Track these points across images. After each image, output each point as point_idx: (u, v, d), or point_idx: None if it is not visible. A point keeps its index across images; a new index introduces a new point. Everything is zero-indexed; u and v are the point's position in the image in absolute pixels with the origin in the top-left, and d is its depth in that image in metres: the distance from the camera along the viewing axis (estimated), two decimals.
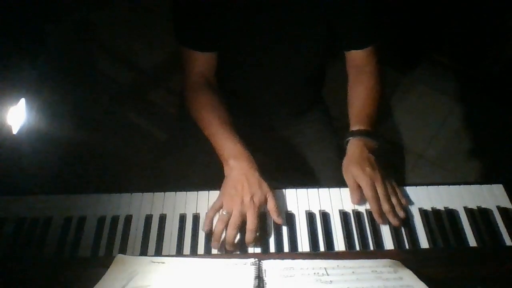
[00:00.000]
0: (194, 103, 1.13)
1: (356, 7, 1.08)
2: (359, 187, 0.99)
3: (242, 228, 0.93)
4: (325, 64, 1.31)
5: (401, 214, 0.96)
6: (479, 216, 0.98)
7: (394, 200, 0.97)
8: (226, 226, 0.93)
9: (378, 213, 0.95)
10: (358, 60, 1.16)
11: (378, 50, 1.16)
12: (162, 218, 0.97)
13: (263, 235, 0.94)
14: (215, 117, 1.08)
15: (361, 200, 0.99)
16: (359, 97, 1.14)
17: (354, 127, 1.09)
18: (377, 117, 1.12)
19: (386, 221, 0.96)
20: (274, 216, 0.96)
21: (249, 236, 0.92)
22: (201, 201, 1.00)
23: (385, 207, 0.95)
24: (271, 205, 0.96)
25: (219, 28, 1.08)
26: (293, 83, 1.23)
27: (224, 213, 0.94)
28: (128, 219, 0.97)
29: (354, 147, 1.05)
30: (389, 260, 0.82)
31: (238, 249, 0.93)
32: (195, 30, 1.10)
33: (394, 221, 0.95)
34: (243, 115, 1.29)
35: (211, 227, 0.94)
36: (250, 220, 0.93)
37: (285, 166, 1.29)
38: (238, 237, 0.93)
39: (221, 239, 0.92)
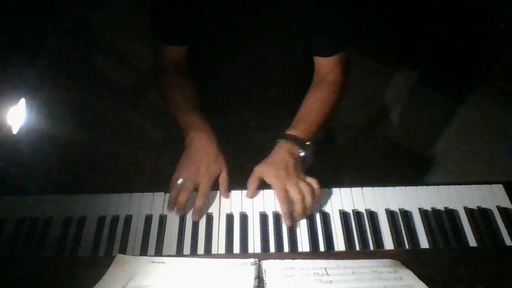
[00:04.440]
0: (163, 86, 1.17)
1: (325, 14, 1.07)
2: (258, 182, 1.00)
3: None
4: (312, 65, 1.29)
5: (307, 215, 0.96)
6: (479, 216, 0.98)
7: (307, 201, 0.95)
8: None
9: (286, 215, 0.95)
10: (322, 68, 1.15)
11: (344, 60, 1.14)
12: (162, 218, 0.97)
13: (263, 235, 0.94)
14: (182, 97, 1.13)
15: (254, 194, 1.01)
16: (308, 104, 1.13)
17: (287, 131, 1.07)
18: (318, 129, 1.09)
19: (293, 223, 0.95)
20: (222, 189, 1.01)
21: (198, 200, 0.97)
22: None
23: (297, 208, 0.95)
24: (222, 178, 1.01)
25: (193, 24, 1.09)
26: (277, 82, 1.21)
27: (179, 181, 0.99)
28: (128, 219, 0.97)
29: (277, 149, 1.04)
30: (389, 260, 0.82)
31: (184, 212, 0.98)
32: (168, 26, 1.13)
33: (289, 223, 0.95)
34: (237, 120, 1.29)
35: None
36: (202, 185, 0.98)
37: None
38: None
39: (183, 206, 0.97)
